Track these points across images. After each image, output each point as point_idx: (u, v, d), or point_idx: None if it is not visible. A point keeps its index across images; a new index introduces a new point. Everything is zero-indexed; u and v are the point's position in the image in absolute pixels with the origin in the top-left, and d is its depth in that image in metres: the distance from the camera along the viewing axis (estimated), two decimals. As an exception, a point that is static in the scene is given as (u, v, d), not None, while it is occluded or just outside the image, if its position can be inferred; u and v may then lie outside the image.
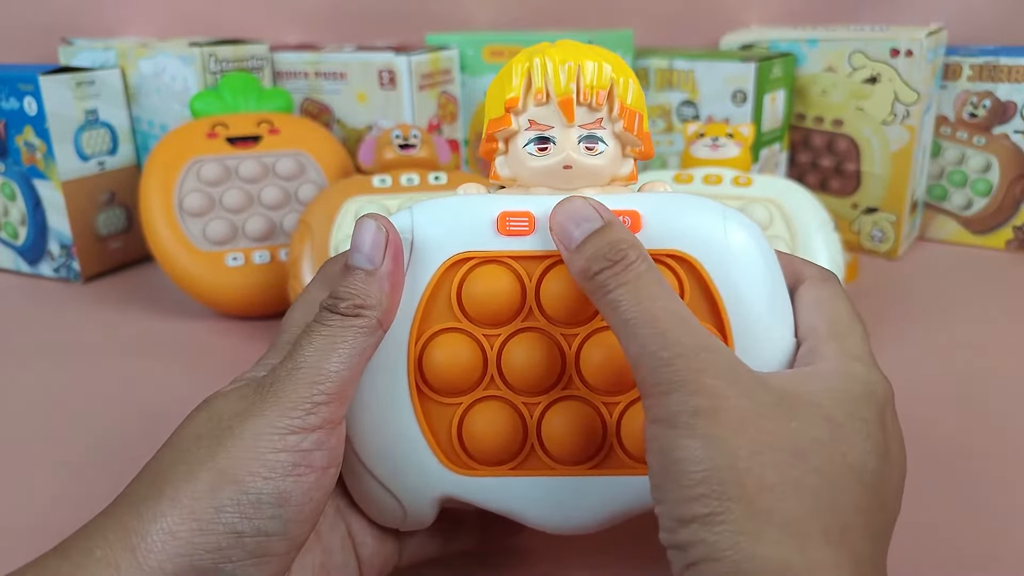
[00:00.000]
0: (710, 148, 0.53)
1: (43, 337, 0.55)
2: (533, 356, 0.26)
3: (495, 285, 0.26)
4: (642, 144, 0.28)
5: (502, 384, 0.27)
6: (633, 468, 0.26)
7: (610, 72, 0.27)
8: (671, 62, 0.67)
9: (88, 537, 0.22)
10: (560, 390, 0.27)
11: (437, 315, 0.27)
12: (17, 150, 0.62)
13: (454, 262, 0.26)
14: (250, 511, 0.22)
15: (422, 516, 0.27)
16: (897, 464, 0.24)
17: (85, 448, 0.40)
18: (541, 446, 0.27)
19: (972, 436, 0.40)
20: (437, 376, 0.26)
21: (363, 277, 0.25)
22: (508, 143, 0.28)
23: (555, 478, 0.27)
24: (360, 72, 0.63)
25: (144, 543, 0.21)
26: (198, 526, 0.21)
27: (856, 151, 0.66)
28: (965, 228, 0.69)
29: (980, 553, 0.32)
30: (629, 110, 0.27)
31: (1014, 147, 0.64)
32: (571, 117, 0.27)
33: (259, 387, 0.24)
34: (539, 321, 0.27)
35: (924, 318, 0.54)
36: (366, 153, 0.56)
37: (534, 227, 0.26)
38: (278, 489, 0.22)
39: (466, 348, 0.26)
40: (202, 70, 0.62)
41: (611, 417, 0.27)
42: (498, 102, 0.27)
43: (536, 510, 0.27)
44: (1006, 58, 0.63)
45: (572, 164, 0.27)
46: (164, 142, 0.56)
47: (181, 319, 0.56)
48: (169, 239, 0.53)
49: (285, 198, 0.55)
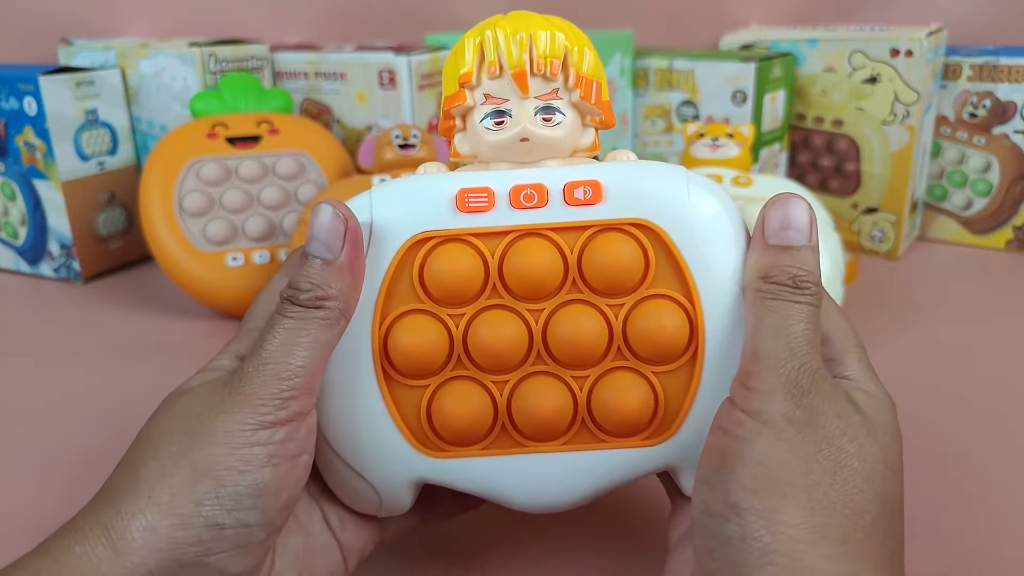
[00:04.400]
0: (710, 148, 0.53)
1: (43, 337, 0.55)
2: (499, 334, 0.26)
3: (457, 264, 0.26)
4: (602, 113, 0.27)
5: (469, 363, 0.26)
6: (605, 442, 0.26)
7: (563, 41, 0.27)
8: (671, 62, 0.67)
9: (68, 535, 0.22)
10: (529, 366, 0.26)
11: (400, 297, 0.26)
12: (17, 150, 0.62)
13: (414, 242, 0.26)
14: (229, 503, 0.22)
15: (398, 501, 0.27)
16: None
17: (85, 448, 0.40)
18: (512, 424, 0.26)
19: (972, 436, 0.40)
20: (403, 359, 0.26)
21: (321, 267, 0.24)
22: (465, 119, 0.28)
23: (528, 455, 0.26)
24: (360, 72, 0.63)
25: (124, 540, 0.21)
26: (178, 521, 0.22)
27: (856, 151, 0.66)
28: (965, 228, 0.69)
29: (980, 553, 0.32)
30: (586, 79, 0.27)
31: (1014, 147, 0.64)
32: (525, 89, 0.26)
33: (228, 384, 0.24)
34: (504, 298, 0.26)
35: (924, 318, 0.54)
36: (366, 153, 0.56)
37: (493, 203, 0.26)
38: (255, 481, 0.22)
39: (431, 329, 0.26)
40: (202, 70, 0.62)
41: (581, 391, 0.26)
42: (452, 78, 0.27)
43: (511, 489, 0.27)
44: (1006, 58, 0.63)
45: (529, 136, 0.27)
46: (164, 142, 0.56)
47: (181, 319, 0.56)
48: (169, 239, 0.53)
49: (285, 198, 0.55)
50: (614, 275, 0.26)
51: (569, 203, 0.26)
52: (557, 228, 0.26)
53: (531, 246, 0.26)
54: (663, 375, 0.26)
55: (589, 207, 0.26)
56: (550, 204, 0.26)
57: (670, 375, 0.26)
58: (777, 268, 0.24)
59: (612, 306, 0.26)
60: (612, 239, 0.26)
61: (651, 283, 0.26)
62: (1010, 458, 0.38)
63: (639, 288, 0.26)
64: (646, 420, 0.26)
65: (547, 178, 0.26)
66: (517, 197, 0.26)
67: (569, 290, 0.26)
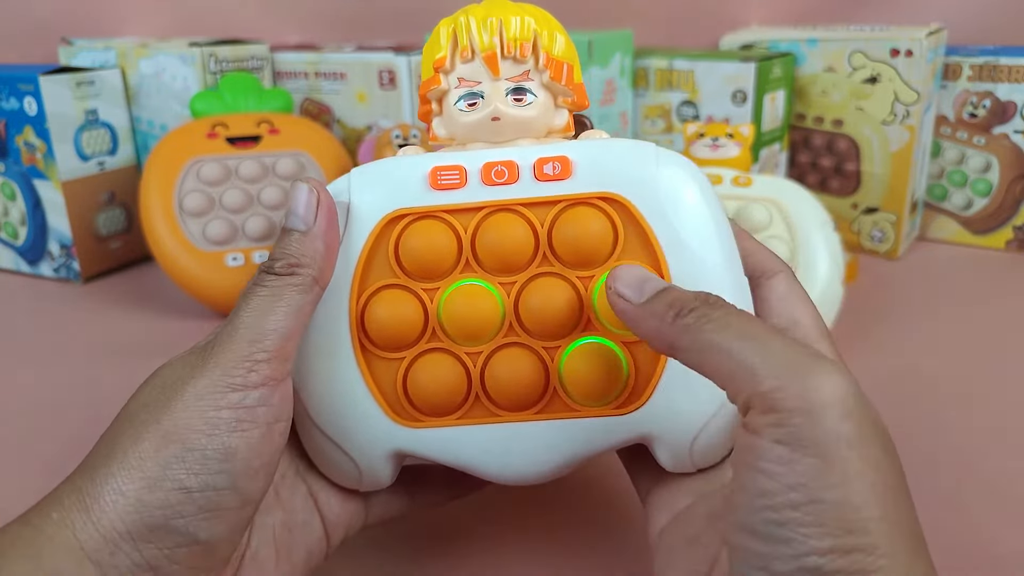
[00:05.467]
0: (710, 148, 0.53)
1: (43, 337, 0.55)
2: (472, 306, 0.26)
3: (431, 239, 0.27)
4: (574, 94, 0.28)
5: (443, 336, 0.27)
6: (576, 411, 0.27)
7: (533, 24, 0.28)
8: (671, 62, 0.67)
9: (47, 504, 0.23)
10: (501, 338, 0.27)
11: (376, 273, 0.27)
12: (17, 150, 0.62)
13: (390, 219, 0.27)
14: (196, 467, 0.22)
15: (378, 474, 0.28)
16: None
17: (85, 448, 0.40)
18: (485, 394, 0.27)
19: (971, 436, 0.40)
20: (379, 332, 0.27)
21: (298, 238, 0.26)
22: (441, 103, 0.29)
23: (502, 425, 0.27)
24: (360, 72, 0.63)
25: (97, 504, 0.22)
26: (146, 484, 0.22)
27: (856, 151, 0.66)
28: (965, 228, 0.69)
29: (980, 553, 0.32)
30: (556, 60, 0.28)
31: (1014, 147, 0.64)
32: (496, 71, 0.28)
33: (203, 351, 0.24)
34: (476, 272, 0.27)
35: (924, 318, 0.54)
36: (366, 153, 0.56)
37: (466, 180, 0.27)
38: (223, 445, 0.23)
39: (406, 303, 0.27)
40: (202, 70, 0.62)
41: (552, 362, 0.27)
42: (428, 64, 0.28)
43: (486, 459, 0.27)
44: (1006, 58, 0.63)
45: (500, 116, 0.28)
46: (164, 142, 0.56)
47: (181, 319, 0.56)
48: (169, 239, 0.53)
49: (285, 198, 0.55)
50: (583, 247, 0.26)
51: (539, 179, 0.27)
52: (528, 203, 0.27)
53: (502, 221, 0.27)
54: (633, 345, 0.26)
55: (559, 182, 0.27)
56: (520, 180, 0.27)
57: (640, 344, 0.26)
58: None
59: (582, 278, 0.27)
60: (581, 213, 0.27)
61: (620, 255, 0.27)
62: (1010, 457, 0.38)
63: (608, 260, 0.27)
64: (616, 389, 0.26)
65: (517, 155, 0.27)
66: (488, 174, 0.27)
67: (540, 263, 0.27)
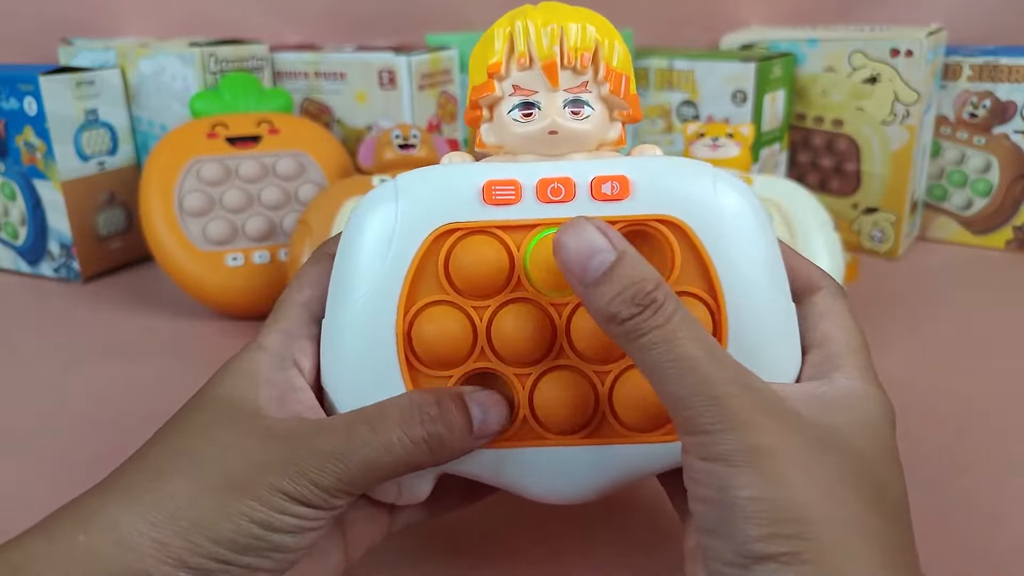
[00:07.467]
0: (710, 148, 0.53)
1: (43, 337, 0.55)
2: (523, 327, 0.26)
3: (482, 256, 0.26)
4: (629, 107, 0.27)
5: (492, 356, 0.26)
6: (625, 436, 0.26)
7: (594, 34, 0.26)
8: (671, 62, 0.67)
9: (74, 519, 0.22)
10: (551, 360, 0.26)
11: (425, 288, 0.26)
12: (17, 150, 0.62)
13: (440, 233, 0.26)
14: (244, 550, 0.22)
15: (417, 490, 0.27)
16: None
17: (85, 448, 0.40)
18: (534, 417, 0.26)
19: (972, 436, 0.40)
20: (427, 350, 0.26)
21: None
22: (492, 110, 0.27)
23: (549, 448, 0.26)
24: (360, 72, 0.63)
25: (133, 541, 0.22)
26: (192, 550, 0.22)
27: (856, 151, 0.66)
28: (965, 228, 0.69)
29: (979, 553, 0.32)
30: (615, 72, 0.27)
31: (1014, 147, 0.64)
32: (555, 81, 0.26)
33: (298, 442, 0.24)
34: (528, 291, 0.26)
35: (924, 318, 0.54)
36: (366, 153, 0.56)
37: (520, 196, 0.26)
38: (278, 542, 0.23)
39: (455, 321, 0.26)
40: (202, 70, 0.62)
41: (603, 386, 0.26)
42: (481, 68, 0.27)
43: (531, 481, 0.27)
44: (1006, 58, 0.63)
45: (558, 129, 0.26)
46: (164, 142, 0.56)
47: (181, 319, 0.56)
48: (169, 239, 0.53)
49: (285, 198, 0.55)
50: None
51: (596, 198, 0.26)
52: None
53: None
54: None
55: (616, 203, 0.26)
56: (577, 198, 0.26)
57: None
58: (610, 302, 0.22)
59: None
60: (637, 236, 0.26)
61: (676, 280, 0.26)
62: (1010, 457, 0.38)
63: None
64: (667, 415, 0.26)
65: (575, 172, 0.26)
66: (544, 191, 0.26)
67: None
